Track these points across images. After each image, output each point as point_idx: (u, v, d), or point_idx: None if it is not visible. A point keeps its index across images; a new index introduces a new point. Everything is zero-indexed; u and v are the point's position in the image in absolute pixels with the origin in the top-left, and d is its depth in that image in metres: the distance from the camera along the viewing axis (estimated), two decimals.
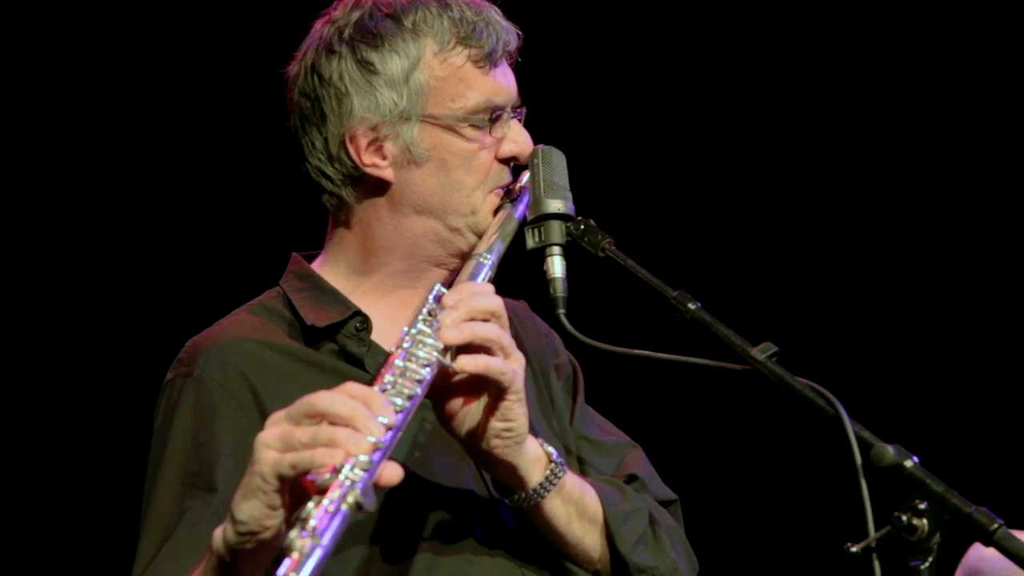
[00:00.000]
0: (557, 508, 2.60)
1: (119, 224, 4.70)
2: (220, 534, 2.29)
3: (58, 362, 4.67)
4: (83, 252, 4.68)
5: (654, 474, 2.90)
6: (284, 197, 4.54)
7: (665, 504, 2.86)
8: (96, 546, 4.57)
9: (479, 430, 2.49)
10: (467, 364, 2.43)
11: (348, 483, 2.15)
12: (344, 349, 2.70)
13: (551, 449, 2.59)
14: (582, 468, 2.84)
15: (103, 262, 4.69)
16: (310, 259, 2.83)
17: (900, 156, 5.14)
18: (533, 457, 2.55)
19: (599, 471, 2.83)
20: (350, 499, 2.14)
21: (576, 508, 2.63)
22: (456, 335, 2.43)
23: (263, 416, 2.59)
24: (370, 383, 2.34)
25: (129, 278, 4.70)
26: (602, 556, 2.69)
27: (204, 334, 2.73)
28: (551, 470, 2.57)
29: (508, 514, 2.67)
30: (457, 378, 2.48)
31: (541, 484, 2.56)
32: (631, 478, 2.84)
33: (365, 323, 2.71)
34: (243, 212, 4.74)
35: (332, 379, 2.59)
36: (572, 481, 2.62)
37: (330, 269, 2.79)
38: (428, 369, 2.39)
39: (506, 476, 2.55)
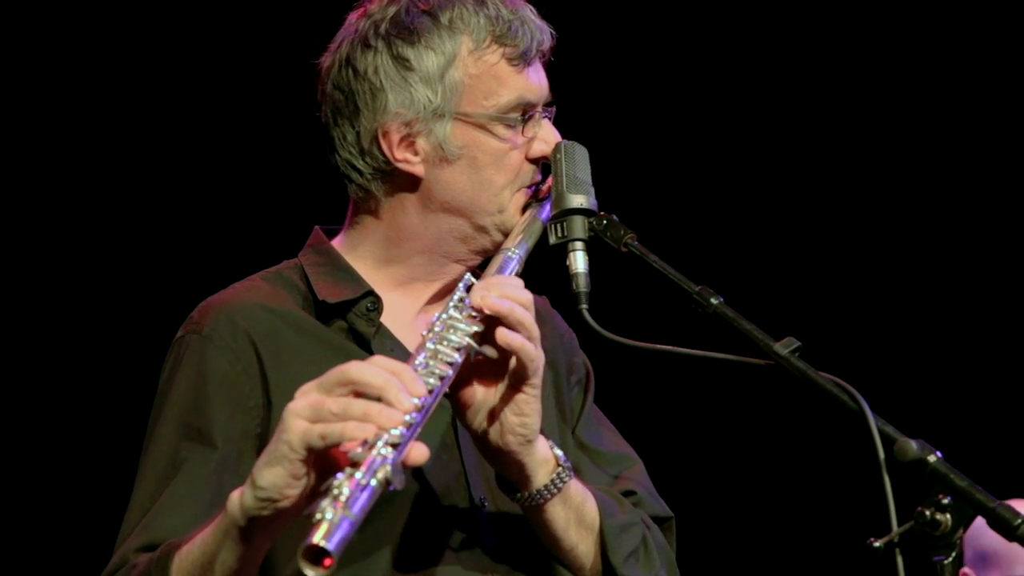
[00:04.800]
0: (558, 512, 2.59)
1: (130, 213, 4.73)
2: (237, 498, 2.29)
3: (70, 347, 4.71)
4: (93, 248, 4.71)
5: (652, 490, 2.88)
6: (296, 179, 4.58)
7: (660, 521, 2.83)
8: (92, 542, 4.58)
9: (492, 424, 2.49)
10: (507, 337, 2.42)
11: (379, 459, 2.15)
12: (353, 327, 2.70)
13: (560, 452, 2.58)
14: (579, 476, 2.83)
15: (116, 251, 4.72)
16: (331, 235, 2.83)
17: (926, 152, 5.13)
18: (542, 458, 2.54)
19: (597, 481, 2.80)
20: (380, 475, 2.14)
21: (576, 515, 2.62)
22: (497, 304, 2.42)
23: (264, 383, 2.62)
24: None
25: (138, 262, 4.73)
26: (593, 565, 2.68)
27: (218, 295, 2.73)
28: (557, 474, 2.56)
29: (486, 518, 2.66)
30: (480, 374, 2.48)
31: (546, 486, 2.55)
32: (629, 492, 2.83)
33: (376, 304, 2.71)
34: (253, 192, 4.76)
35: (337, 356, 2.58)
36: (575, 487, 2.62)
37: (350, 251, 2.79)
38: (459, 353, 2.39)
39: (512, 473, 2.54)
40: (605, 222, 2.69)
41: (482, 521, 2.66)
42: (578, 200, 2.70)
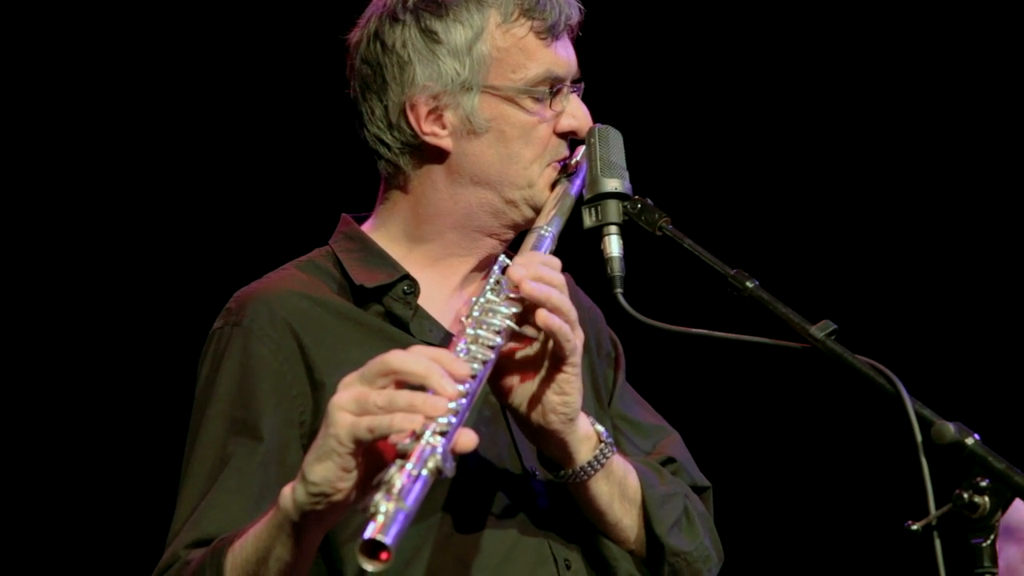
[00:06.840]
0: (601, 488, 2.61)
1: (156, 199, 4.74)
2: (289, 493, 2.31)
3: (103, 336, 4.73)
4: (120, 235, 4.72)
5: (690, 459, 2.89)
6: (323, 162, 4.59)
7: (698, 490, 2.85)
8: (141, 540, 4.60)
9: (534, 404, 2.51)
10: (547, 320, 2.44)
11: (429, 448, 2.16)
12: (390, 311, 2.71)
13: (601, 428, 2.60)
14: (619, 449, 2.84)
15: (140, 241, 4.73)
16: (360, 221, 2.84)
17: (963, 134, 5.11)
18: (584, 435, 2.56)
19: (635, 452, 2.83)
20: (431, 464, 2.15)
21: (619, 489, 2.64)
22: (534, 290, 2.44)
23: (308, 370, 2.63)
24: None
25: (168, 256, 4.74)
26: (638, 536, 2.70)
27: (253, 285, 2.74)
28: (600, 450, 2.58)
29: (540, 488, 2.68)
30: (519, 354, 2.49)
31: (589, 463, 2.57)
32: (668, 460, 2.85)
33: (413, 287, 2.72)
34: (282, 181, 4.77)
35: (377, 339, 2.62)
36: (618, 462, 2.64)
37: (381, 233, 2.79)
38: (500, 336, 2.40)
39: (555, 452, 2.56)
40: (640, 206, 2.69)
41: (535, 490, 2.68)
42: (612, 184, 2.70)
